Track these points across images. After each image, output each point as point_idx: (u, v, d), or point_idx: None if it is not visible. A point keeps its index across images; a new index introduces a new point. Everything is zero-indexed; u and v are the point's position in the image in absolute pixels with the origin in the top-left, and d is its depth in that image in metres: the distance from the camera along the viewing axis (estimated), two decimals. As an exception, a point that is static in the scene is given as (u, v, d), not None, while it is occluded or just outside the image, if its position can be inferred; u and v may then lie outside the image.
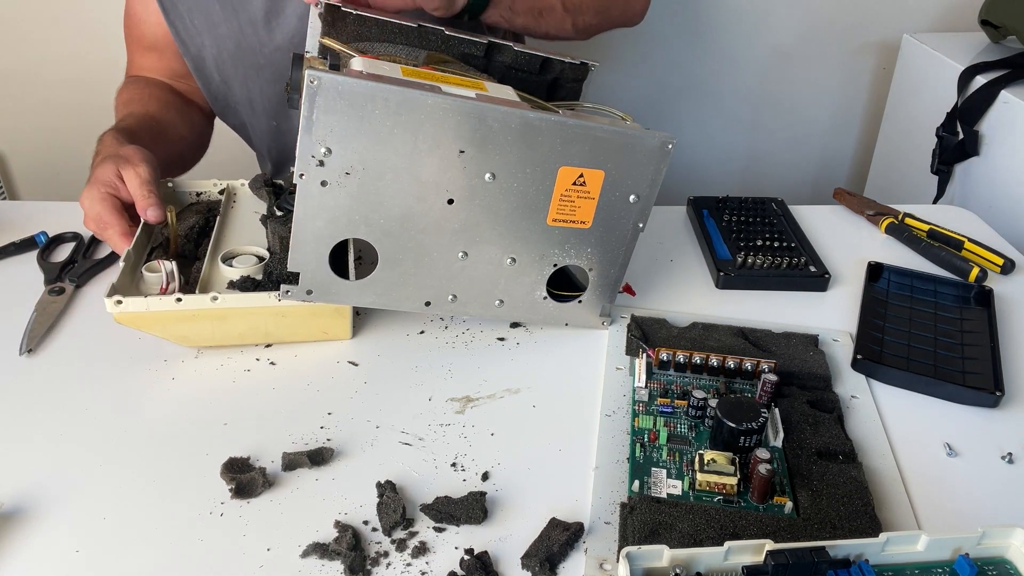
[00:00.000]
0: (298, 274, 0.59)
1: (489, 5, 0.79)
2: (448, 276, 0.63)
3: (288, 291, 0.60)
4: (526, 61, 0.72)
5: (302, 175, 0.56)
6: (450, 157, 0.57)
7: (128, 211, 0.70)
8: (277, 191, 0.75)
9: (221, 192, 0.78)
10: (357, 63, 0.61)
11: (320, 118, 0.53)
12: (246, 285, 0.65)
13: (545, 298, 0.66)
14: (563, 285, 0.67)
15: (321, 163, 0.55)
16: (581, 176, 0.60)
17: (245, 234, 0.72)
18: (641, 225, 0.63)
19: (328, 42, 0.67)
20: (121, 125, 0.84)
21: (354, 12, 0.69)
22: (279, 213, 0.69)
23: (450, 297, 0.64)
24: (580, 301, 0.67)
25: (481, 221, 0.60)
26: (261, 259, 0.68)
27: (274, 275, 0.65)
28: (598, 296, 0.67)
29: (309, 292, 0.61)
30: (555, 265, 0.64)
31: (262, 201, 0.76)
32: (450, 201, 0.59)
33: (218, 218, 0.73)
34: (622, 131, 0.59)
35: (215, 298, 0.60)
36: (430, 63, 0.67)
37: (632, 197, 0.61)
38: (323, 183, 0.56)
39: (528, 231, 0.62)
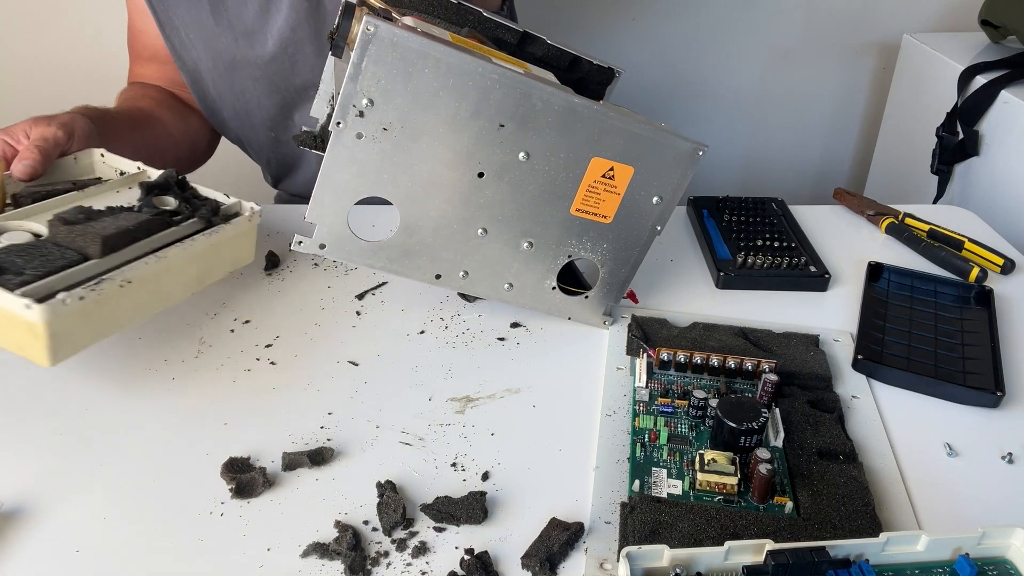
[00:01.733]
0: (314, 225, 0.59)
1: None
2: (464, 251, 0.62)
3: (301, 242, 0.59)
4: (556, 56, 0.72)
5: (339, 123, 0.55)
6: (489, 129, 0.57)
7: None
8: (156, 189, 0.67)
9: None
10: (410, 21, 0.60)
11: (369, 67, 0.53)
12: None
13: (554, 288, 0.66)
14: (570, 283, 0.67)
15: (361, 114, 0.55)
16: (612, 169, 0.60)
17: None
18: (659, 228, 0.64)
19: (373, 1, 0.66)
20: (99, 107, 0.82)
21: None
22: (132, 208, 0.64)
23: (461, 273, 0.63)
24: (587, 297, 0.67)
25: (507, 199, 0.60)
26: (38, 236, 0.60)
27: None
28: (604, 295, 0.67)
29: (322, 246, 0.60)
30: (569, 256, 0.64)
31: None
32: (480, 174, 0.59)
33: (65, 194, 0.65)
34: (657, 130, 0.59)
35: None
36: (472, 39, 0.67)
37: (656, 199, 0.62)
38: (359, 135, 0.56)
39: (550, 217, 0.62)
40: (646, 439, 0.56)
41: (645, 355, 0.62)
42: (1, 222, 0.61)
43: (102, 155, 0.73)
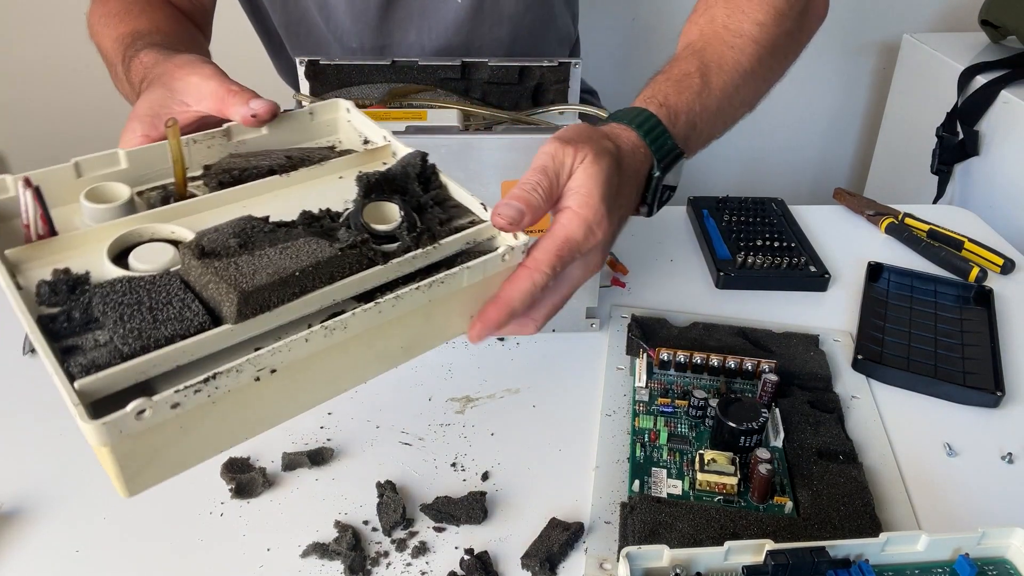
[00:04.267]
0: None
1: (670, 172, 0.55)
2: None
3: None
4: (503, 73, 0.74)
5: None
6: None
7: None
8: (379, 187, 0.44)
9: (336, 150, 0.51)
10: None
11: None
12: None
13: None
14: None
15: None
16: None
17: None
18: None
19: (299, 97, 0.70)
20: (148, 41, 0.61)
21: (333, 63, 0.72)
22: (323, 224, 0.42)
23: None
24: None
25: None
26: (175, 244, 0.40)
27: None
28: (577, 299, 0.67)
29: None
30: None
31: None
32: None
33: (263, 178, 0.46)
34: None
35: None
36: (393, 97, 0.69)
37: None
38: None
39: None
40: (646, 439, 0.56)
41: (645, 355, 0.62)
42: (147, 223, 0.42)
43: (348, 111, 0.53)
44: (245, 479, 0.52)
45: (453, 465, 0.55)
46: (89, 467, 0.54)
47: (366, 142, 0.52)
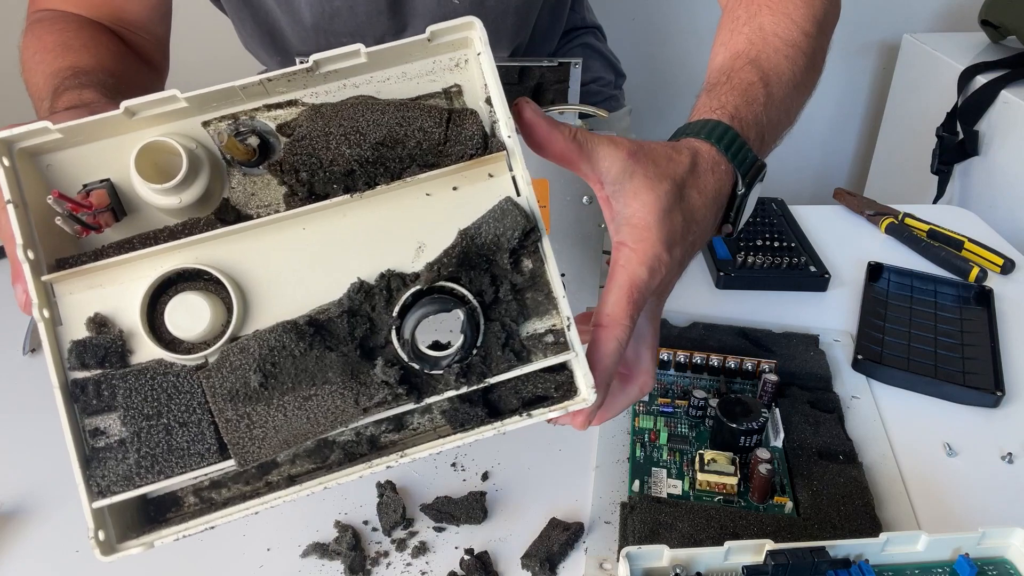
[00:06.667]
0: None
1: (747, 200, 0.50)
2: None
3: None
4: (503, 73, 0.72)
5: None
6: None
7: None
8: (461, 273, 0.39)
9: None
10: None
11: None
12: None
13: None
14: None
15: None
16: None
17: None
18: (602, 224, 0.63)
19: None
20: (93, 80, 0.57)
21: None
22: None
23: None
24: None
25: None
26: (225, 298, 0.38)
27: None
28: (577, 299, 0.67)
29: None
30: None
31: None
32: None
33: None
34: None
35: None
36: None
37: (585, 199, 0.61)
38: None
39: None
40: (646, 439, 0.56)
41: (645, 355, 0.62)
42: (193, 260, 0.37)
43: (480, 40, 0.41)
44: (245, 479, 0.52)
45: (453, 465, 0.55)
46: (89, 467, 0.54)
47: (488, 102, 0.42)
